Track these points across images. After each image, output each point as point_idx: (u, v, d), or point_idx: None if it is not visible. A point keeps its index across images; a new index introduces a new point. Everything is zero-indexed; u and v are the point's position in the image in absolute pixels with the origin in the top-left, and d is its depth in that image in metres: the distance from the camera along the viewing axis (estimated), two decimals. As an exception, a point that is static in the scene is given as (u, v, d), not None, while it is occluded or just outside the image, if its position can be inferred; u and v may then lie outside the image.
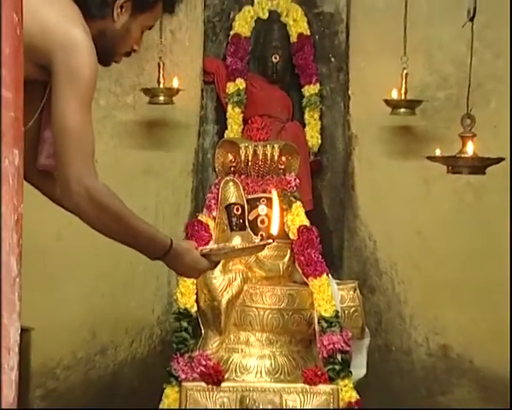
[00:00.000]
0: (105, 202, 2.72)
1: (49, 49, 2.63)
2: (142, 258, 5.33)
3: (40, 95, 2.79)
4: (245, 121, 5.19)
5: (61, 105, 2.70)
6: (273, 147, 4.59)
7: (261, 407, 4.20)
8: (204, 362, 4.26)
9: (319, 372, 4.29)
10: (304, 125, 5.35)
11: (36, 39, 2.61)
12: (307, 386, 4.26)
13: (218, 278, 4.33)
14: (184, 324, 4.35)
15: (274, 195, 3.48)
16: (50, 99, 2.72)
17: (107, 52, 2.86)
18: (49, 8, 2.70)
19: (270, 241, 2.84)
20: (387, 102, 5.04)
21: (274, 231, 2.92)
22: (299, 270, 4.48)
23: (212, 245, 3.46)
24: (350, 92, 5.38)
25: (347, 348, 4.36)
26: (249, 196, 4.52)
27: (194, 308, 4.38)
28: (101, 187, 2.72)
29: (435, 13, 5.12)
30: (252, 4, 5.39)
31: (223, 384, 4.25)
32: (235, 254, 3.86)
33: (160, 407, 4.31)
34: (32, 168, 2.92)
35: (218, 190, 4.52)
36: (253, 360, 4.34)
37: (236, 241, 4.41)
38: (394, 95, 5.03)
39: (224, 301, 4.31)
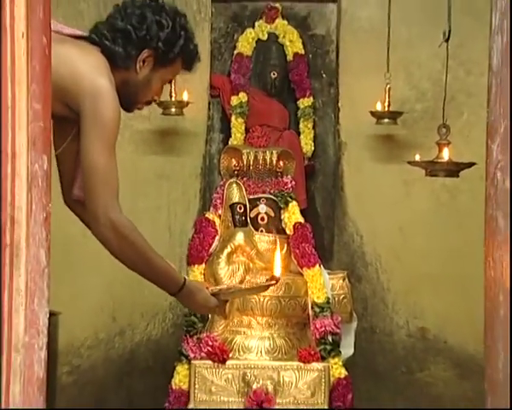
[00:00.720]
0: (127, 234, 2.76)
1: (78, 94, 2.65)
2: (157, 249, 5.35)
3: (69, 129, 2.81)
4: (247, 130, 5.21)
5: (88, 146, 2.72)
6: (272, 153, 4.61)
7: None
8: (211, 343, 4.27)
9: (312, 352, 4.30)
10: (299, 134, 5.36)
11: (67, 84, 2.63)
12: (302, 364, 4.27)
13: (223, 268, 4.34)
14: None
15: (278, 245, 3.49)
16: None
17: (129, 100, 2.88)
18: (81, 58, 2.72)
19: (274, 282, 2.82)
20: (372, 113, 5.04)
21: (277, 273, 2.88)
22: (295, 261, 4.49)
23: (221, 286, 3.45)
24: (339, 105, 5.38)
25: (337, 331, 4.37)
26: (250, 196, 4.54)
27: (202, 295, 4.39)
28: (125, 221, 2.78)
29: (414, 35, 5.12)
30: (253, 27, 5.40)
31: (227, 362, 4.26)
32: (242, 294, 3.87)
33: (172, 382, 4.32)
34: (69, 196, 2.94)
35: (223, 190, 4.53)
36: (254, 340, 4.35)
37: (239, 236, 4.42)
38: (378, 107, 5.03)
39: (228, 289, 4.32)
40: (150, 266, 2.86)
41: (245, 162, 4.58)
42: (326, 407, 4.24)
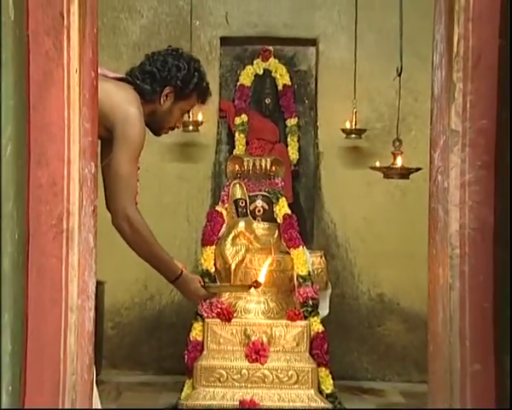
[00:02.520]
0: (139, 228, 2.75)
1: (114, 119, 2.69)
2: (178, 235, 5.34)
3: (108, 148, 2.83)
4: (247, 143, 5.20)
5: (117, 158, 2.74)
6: (266, 160, 4.60)
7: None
8: (219, 306, 4.27)
9: (297, 312, 4.30)
10: (287, 146, 5.35)
11: (107, 112, 2.67)
12: (289, 321, 4.27)
13: (229, 249, 4.33)
14: (206, 280, 4.35)
15: (267, 261, 3.52)
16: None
17: (156, 126, 2.92)
18: (117, 92, 2.75)
19: (255, 285, 2.79)
20: (343, 130, 5.04)
21: (261, 279, 2.84)
22: (284, 243, 4.49)
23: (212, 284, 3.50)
24: (318, 124, 5.38)
25: (316, 296, 4.37)
26: (250, 194, 4.53)
27: (213, 269, 4.38)
28: (139, 217, 2.76)
29: (374, 71, 5.12)
30: (252, 64, 5.38)
31: (232, 320, 4.26)
32: (227, 290, 4.00)
33: (190, 335, 4.30)
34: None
35: (229, 189, 4.52)
36: (253, 304, 4.35)
37: (241, 224, 4.41)
38: (347, 125, 5.03)
39: (233, 265, 4.31)
40: (154, 256, 2.82)
41: (245, 167, 4.57)
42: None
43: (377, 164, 4.57)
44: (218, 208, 4.52)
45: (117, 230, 2.80)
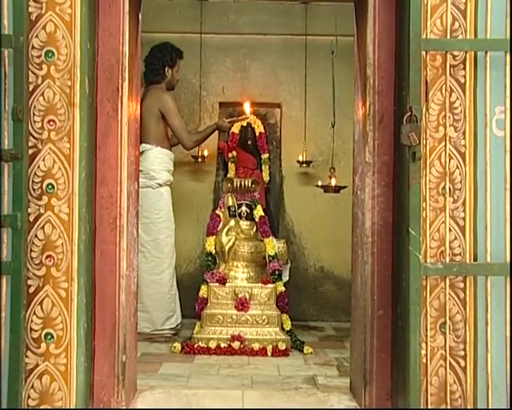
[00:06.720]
0: (197, 138, 3.97)
1: (160, 107, 3.70)
2: (191, 229, 5.29)
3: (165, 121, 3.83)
4: (236, 169, 5.21)
5: (171, 121, 3.77)
6: (248, 180, 4.62)
7: None
8: (218, 274, 4.28)
9: (268, 279, 4.31)
10: (262, 171, 5.36)
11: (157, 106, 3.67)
12: (263, 284, 4.29)
13: (224, 238, 4.34)
14: (209, 258, 4.36)
15: (247, 105, 4.14)
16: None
17: (170, 88, 3.84)
18: (154, 94, 3.86)
19: (247, 117, 4.21)
20: (298, 161, 5.08)
21: (247, 109, 3.73)
22: (260, 234, 4.51)
23: (229, 119, 4.53)
24: (281, 157, 5.40)
25: (280, 269, 4.39)
26: (238, 202, 4.55)
27: (214, 251, 4.39)
28: (193, 136, 3.94)
29: (317, 123, 5.14)
30: (239, 119, 5.42)
31: (226, 284, 4.27)
32: (236, 120, 4.69)
33: (199, 293, 4.30)
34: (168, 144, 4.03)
35: (224, 199, 4.54)
36: (239, 273, 4.36)
37: (232, 222, 4.42)
38: (300, 158, 5.07)
39: (226, 248, 4.32)
40: (207, 136, 4.10)
41: (235, 185, 4.59)
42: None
43: (319, 183, 4.61)
44: (217, 212, 4.54)
45: (191, 149, 4.03)
